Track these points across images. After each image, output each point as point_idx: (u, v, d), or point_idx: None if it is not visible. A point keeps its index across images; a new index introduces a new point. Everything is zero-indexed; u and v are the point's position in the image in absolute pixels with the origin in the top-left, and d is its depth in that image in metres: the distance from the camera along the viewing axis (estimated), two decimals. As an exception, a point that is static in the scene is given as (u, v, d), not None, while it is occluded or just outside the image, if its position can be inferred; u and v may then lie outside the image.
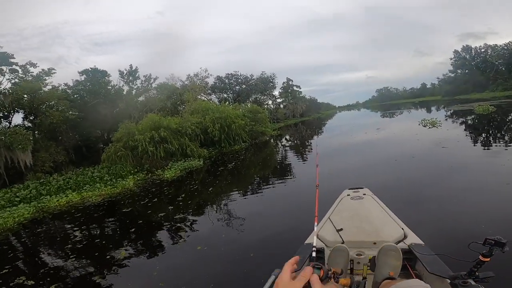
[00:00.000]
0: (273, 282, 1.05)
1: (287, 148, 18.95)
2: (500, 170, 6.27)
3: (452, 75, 53.44)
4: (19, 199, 10.61)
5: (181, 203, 7.94)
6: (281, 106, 58.26)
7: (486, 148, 9.03)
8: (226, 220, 6.03)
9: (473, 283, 1.46)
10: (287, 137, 28.34)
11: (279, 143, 23.09)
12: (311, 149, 16.37)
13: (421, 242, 2.17)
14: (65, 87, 21.88)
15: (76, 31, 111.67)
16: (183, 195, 8.83)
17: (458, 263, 1.59)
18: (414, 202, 5.08)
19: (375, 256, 1.94)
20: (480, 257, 1.43)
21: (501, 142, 9.63)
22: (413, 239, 2.23)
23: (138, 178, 13.18)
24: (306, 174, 9.23)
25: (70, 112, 20.43)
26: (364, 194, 3.22)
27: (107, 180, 12.64)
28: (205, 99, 38.03)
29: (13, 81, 17.81)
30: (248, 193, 8.24)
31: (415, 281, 1.39)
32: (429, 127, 15.21)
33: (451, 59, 52.57)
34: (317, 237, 2.13)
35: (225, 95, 41.65)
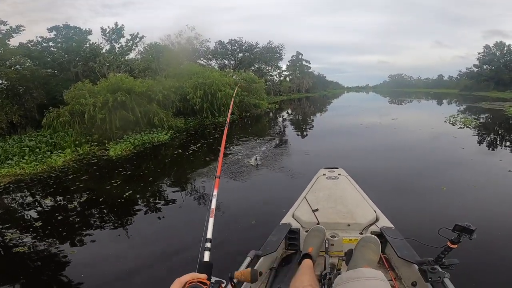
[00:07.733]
0: (250, 262, 1.48)
1: (286, 124, 15.18)
2: None
3: (475, 70, 47.23)
4: None
5: (77, 210, 4.55)
6: (287, 79, 53.25)
7: None
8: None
9: (440, 269, 1.37)
10: (289, 111, 24.29)
11: (277, 118, 19.31)
12: (312, 126, 14.04)
13: (391, 225, 2.02)
14: (29, 44, 18.24)
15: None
16: (95, 194, 5.42)
17: (426, 248, 1.43)
18: None
19: (351, 249, 1.69)
20: (448, 243, 1.33)
21: None
22: (384, 222, 2.07)
23: (81, 152, 9.80)
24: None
25: (43, 70, 17.80)
26: (339, 174, 2.93)
27: (39, 153, 9.31)
28: (205, 64, 33.55)
29: None
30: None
31: (368, 271, 1.17)
32: (460, 127, 11.04)
33: (479, 53, 46.06)
34: (293, 217, 2.20)
35: (226, 62, 36.81)
